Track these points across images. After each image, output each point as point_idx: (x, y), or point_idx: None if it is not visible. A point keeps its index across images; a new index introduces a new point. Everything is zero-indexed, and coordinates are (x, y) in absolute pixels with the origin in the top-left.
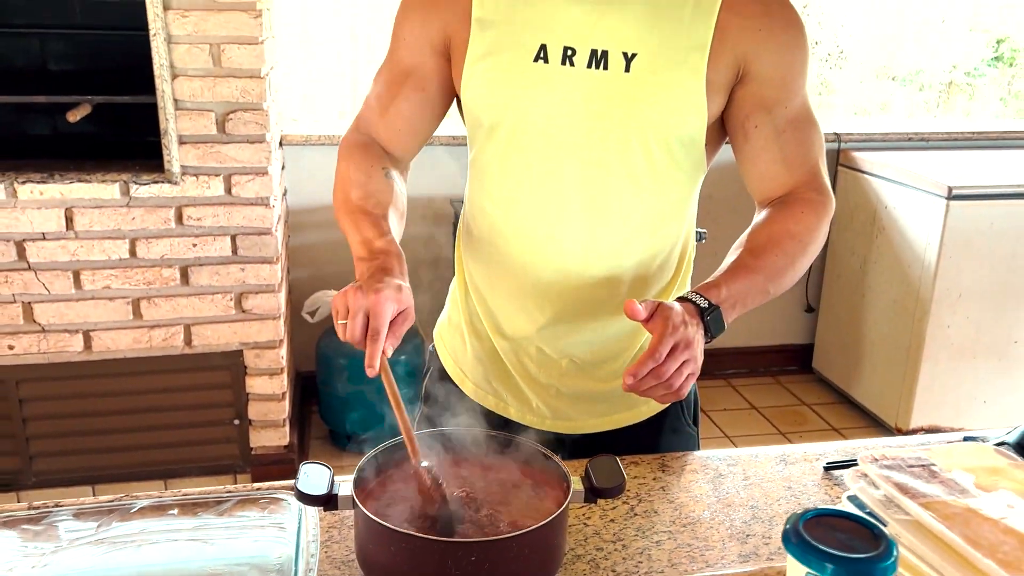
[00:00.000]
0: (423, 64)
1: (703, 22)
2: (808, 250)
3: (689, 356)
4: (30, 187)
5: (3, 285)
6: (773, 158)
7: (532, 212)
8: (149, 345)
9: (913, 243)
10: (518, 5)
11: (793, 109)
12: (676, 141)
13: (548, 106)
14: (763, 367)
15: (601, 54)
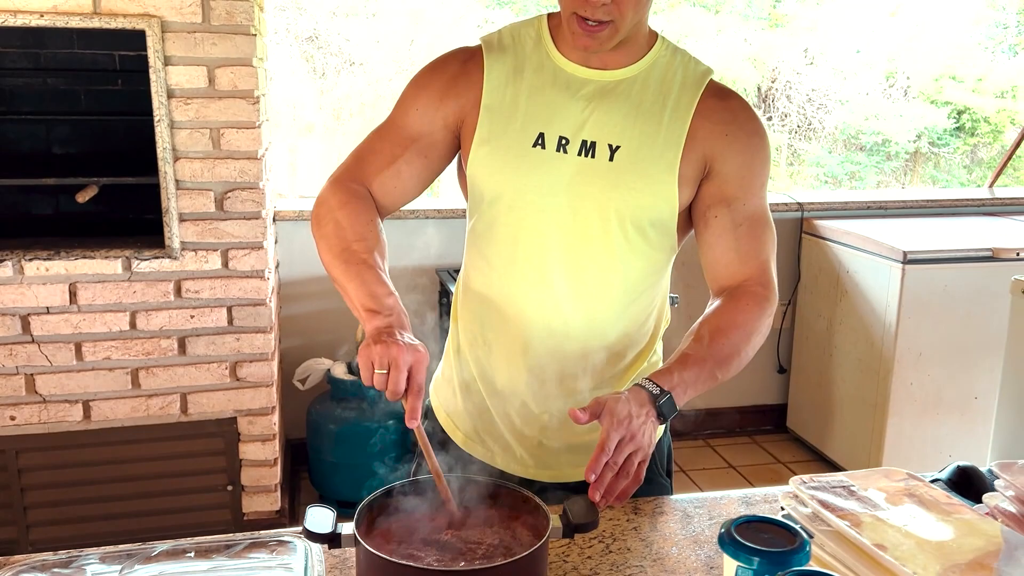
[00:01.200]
0: (432, 135)
1: (679, 124)
2: (752, 339)
3: (635, 447)
4: (36, 264)
5: (7, 358)
6: (728, 247)
7: (521, 278)
8: (147, 414)
9: (874, 305)
10: (521, 97)
11: (750, 207)
12: (649, 224)
13: (542, 186)
14: (740, 427)
15: (590, 144)
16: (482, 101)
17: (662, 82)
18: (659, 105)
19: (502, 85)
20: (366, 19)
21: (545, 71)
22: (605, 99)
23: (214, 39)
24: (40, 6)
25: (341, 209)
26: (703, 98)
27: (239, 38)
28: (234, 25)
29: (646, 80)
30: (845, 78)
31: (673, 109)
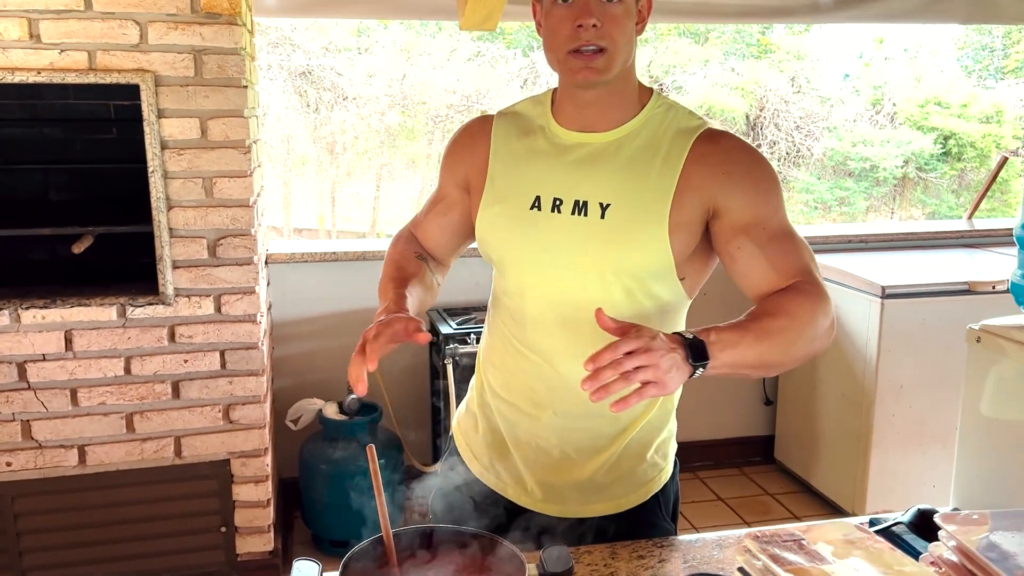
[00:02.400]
0: (450, 195)
1: (669, 174)
2: (802, 329)
3: (648, 363)
4: (33, 312)
5: (4, 405)
6: (763, 268)
7: (533, 331)
8: (141, 457)
9: (855, 339)
10: (520, 164)
11: (772, 228)
12: (646, 275)
13: (540, 246)
14: (728, 459)
15: (583, 204)
16: (488, 165)
17: (653, 138)
18: (648, 160)
19: (505, 153)
20: (358, 54)
21: (544, 139)
22: (597, 160)
23: (206, 92)
24: (37, 63)
25: (391, 247)
26: (694, 146)
27: (230, 90)
28: (225, 78)
29: (636, 137)
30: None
31: (663, 161)
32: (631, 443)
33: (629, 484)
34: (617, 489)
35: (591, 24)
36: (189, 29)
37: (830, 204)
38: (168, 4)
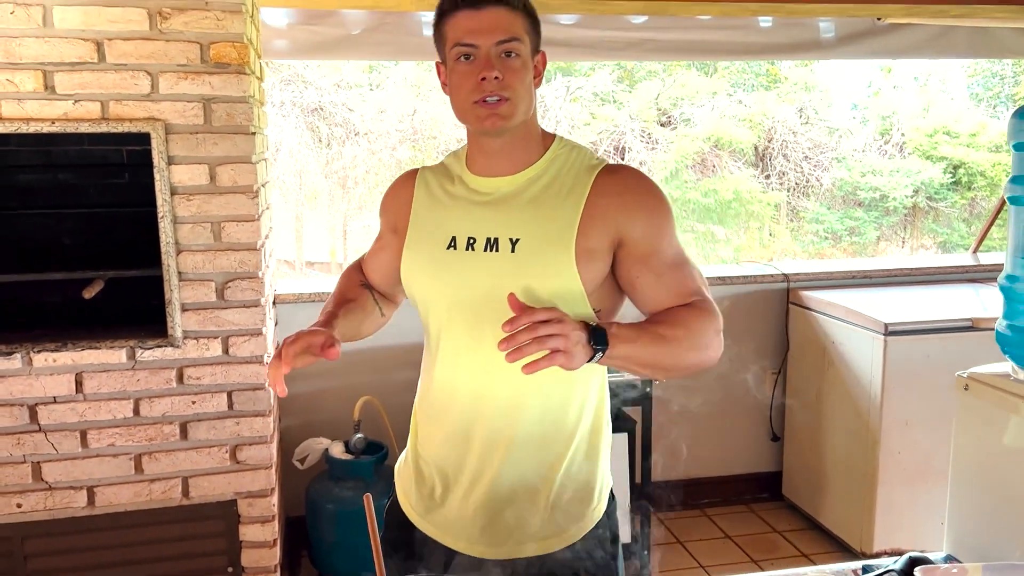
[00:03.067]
0: (385, 236)
1: (573, 207)
2: (695, 340)
3: (558, 330)
4: (45, 355)
5: (15, 447)
6: (660, 295)
7: (457, 368)
8: (149, 498)
9: (859, 376)
10: (439, 210)
11: (668, 256)
12: (559, 302)
13: (456, 283)
14: (736, 496)
15: (494, 240)
16: (410, 213)
17: (558, 176)
18: (554, 196)
19: (426, 200)
20: (369, 91)
21: (460, 187)
22: (506, 200)
23: (215, 139)
24: (51, 114)
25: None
26: (596, 179)
27: (239, 137)
28: (234, 125)
29: (541, 177)
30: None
31: (567, 196)
32: (563, 479)
33: (564, 521)
34: (550, 528)
35: (493, 76)
36: (199, 79)
37: (840, 234)
38: (179, 55)
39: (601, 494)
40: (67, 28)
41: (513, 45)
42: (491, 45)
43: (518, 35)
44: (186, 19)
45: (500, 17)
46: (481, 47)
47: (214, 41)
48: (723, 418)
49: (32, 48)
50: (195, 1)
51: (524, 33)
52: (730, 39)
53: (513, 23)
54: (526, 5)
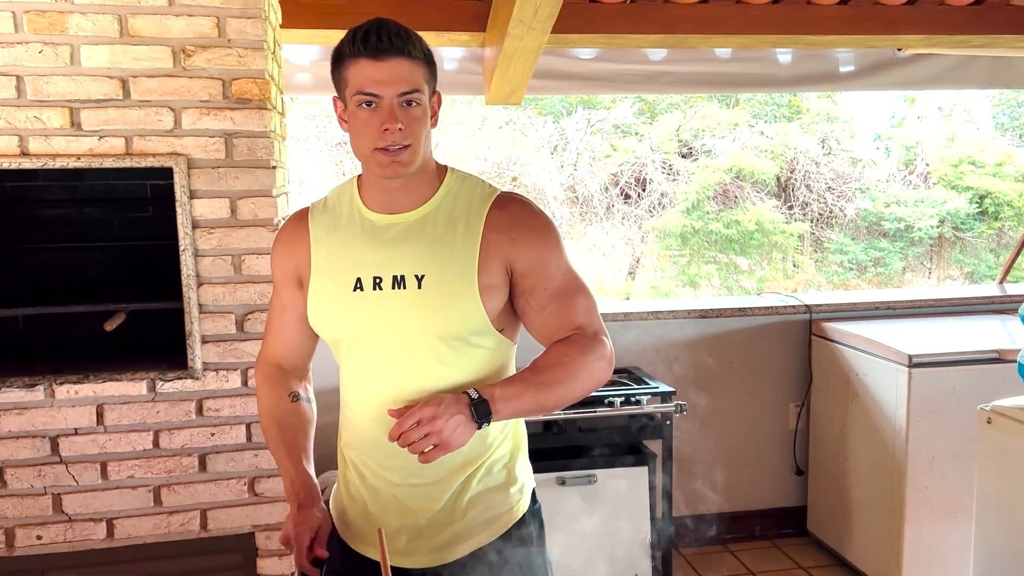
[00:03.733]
0: (292, 295)
1: (471, 242)
2: (578, 376)
3: (430, 429)
4: (67, 387)
5: (36, 479)
6: (545, 323)
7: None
8: (167, 530)
9: (884, 408)
10: (338, 252)
11: (553, 288)
12: (468, 332)
13: (367, 323)
14: (759, 531)
15: (400, 278)
16: (311, 258)
17: (453, 210)
18: (452, 231)
19: (323, 243)
20: None
21: (355, 224)
22: (407, 237)
23: (236, 173)
24: (77, 150)
25: (259, 395)
26: (489, 213)
27: (259, 171)
28: (255, 160)
29: (438, 213)
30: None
31: (464, 231)
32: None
33: (485, 519)
34: (474, 527)
35: (397, 127)
36: (221, 114)
37: (865, 265)
38: (201, 91)
39: (523, 491)
40: (94, 66)
41: (414, 96)
42: (393, 96)
43: (419, 86)
44: (209, 56)
45: (402, 68)
46: (384, 97)
47: (236, 77)
48: (746, 451)
49: (60, 86)
50: (218, 39)
51: (424, 82)
52: (749, 71)
53: (414, 73)
54: (425, 52)
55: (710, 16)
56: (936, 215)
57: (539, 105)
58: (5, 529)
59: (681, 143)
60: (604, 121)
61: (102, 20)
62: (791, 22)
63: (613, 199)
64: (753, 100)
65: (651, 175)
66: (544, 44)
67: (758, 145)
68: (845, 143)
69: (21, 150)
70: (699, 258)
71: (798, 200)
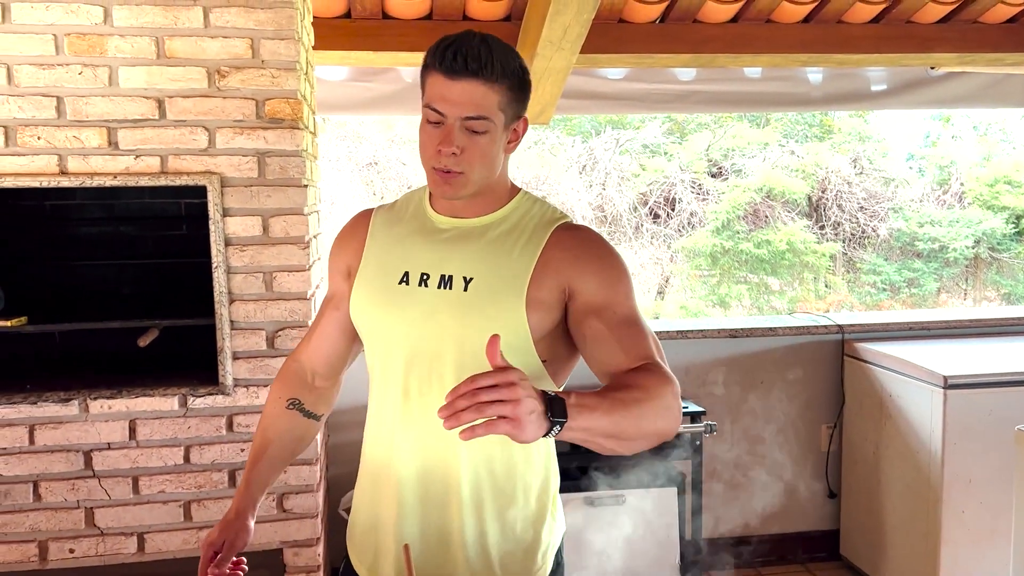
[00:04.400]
0: (340, 289)
1: (529, 254)
2: (655, 404)
3: (507, 397)
4: (100, 402)
5: (69, 492)
6: (611, 349)
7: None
8: (197, 545)
9: (918, 430)
10: (392, 245)
11: (622, 313)
12: (505, 346)
13: (405, 318)
14: (792, 554)
15: (448, 278)
16: (364, 250)
17: (517, 225)
18: (511, 241)
19: (381, 237)
20: None
21: (416, 222)
22: (463, 240)
23: (268, 191)
24: (115, 168)
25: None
26: (554, 233)
27: (291, 190)
28: (287, 178)
29: (502, 224)
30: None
31: (524, 244)
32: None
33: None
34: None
35: (451, 152)
36: (254, 134)
37: (899, 285)
38: (235, 111)
39: (545, 556)
40: (131, 87)
41: (479, 123)
42: (457, 117)
43: (488, 113)
44: (243, 77)
45: (473, 91)
46: (448, 117)
47: (269, 98)
48: (777, 473)
49: (98, 106)
50: (251, 60)
51: (497, 110)
52: (779, 91)
53: (486, 98)
54: (510, 76)
55: (740, 35)
56: (971, 235)
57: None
58: (39, 542)
59: (711, 163)
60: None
61: (140, 42)
62: (822, 41)
63: (642, 218)
64: (784, 119)
65: (680, 194)
66: (573, 64)
67: (789, 164)
68: (877, 162)
69: (60, 169)
70: (729, 278)
71: (830, 220)
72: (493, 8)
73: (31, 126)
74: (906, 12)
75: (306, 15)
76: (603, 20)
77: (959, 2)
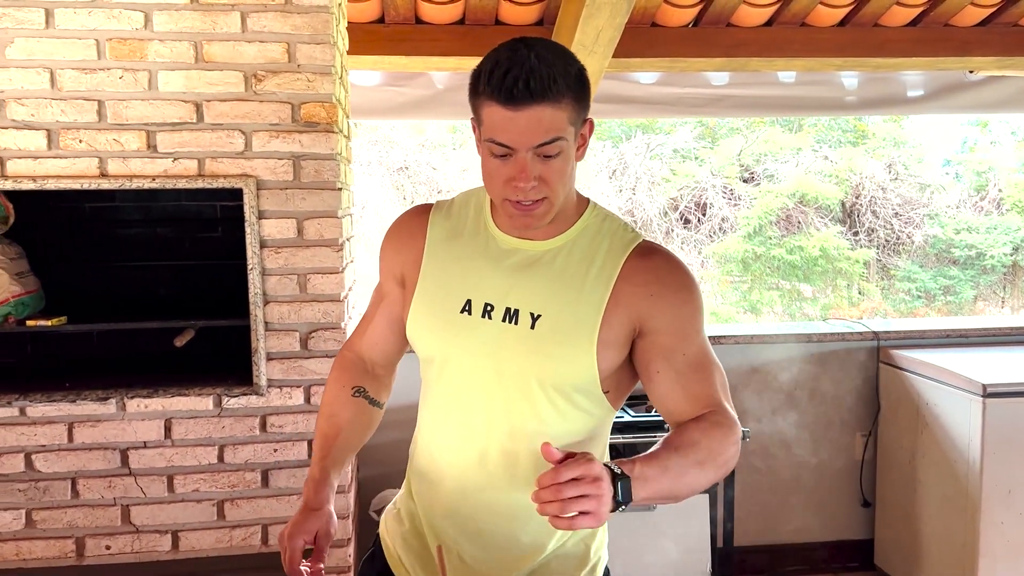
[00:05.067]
0: (393, 290)
1: (601, 289)
2: (716, 461)
3: (592, 492)
4: (137, 401)
5: (107, 490)
6: (678, 397)
7: (454, 434)
8: (230, 544)
9: (956, 440)
10: (453, 265)
11: (691, 356)
12: (571, 388)
13: (468, 349)
14: (824, 564)
15: (514, 312)
16: (422, 262)
17: (587, 250)
18: (582, 273)
19: (440, 249)
20: (452, 150)
21: (479, 239)
22: (530, 268)
23: (303, 194)
24: (152, 171)
25: (329, 378)
26: (628, 260)
27: (326, 193)
28: (321, 182)
29: (572, 249)
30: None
31: (596, 276)
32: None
33: None
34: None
35: (531, 186)
36: (289, 137)
37: (934, 293)
38: (271, 115)
39: (594, 571)
40: (170, 91)
41: (553, 147)
42: (528, 148)
43: (561, 132)
44: (279, 81)
45: (542, 117)
46: (518, 151)
47: (304, 101)
48: (810, 481)
49: (138, 110)
50: (288, 64)
51: (568, 124)
52: (813, 95)
53: (555, 119)
54: (573, 83)
55: (774, 39)
56: (1010, 242)
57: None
58: (76, 539)
59: (743, 167)
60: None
61: (179, 47)
62: (858, 45)
63: (672, 224)
64: (817, 124)
65: (712, 200)
66: (605, 68)
67: (822, 170)
68: (913, 168)
69: (100, 171)
70: (761, 284)
71: (863, 226)
72: (526, 13)
73: (73, 129)
74: (944, 15)
75: (341, 20)
76: (636, 24)
77: (999, 4)
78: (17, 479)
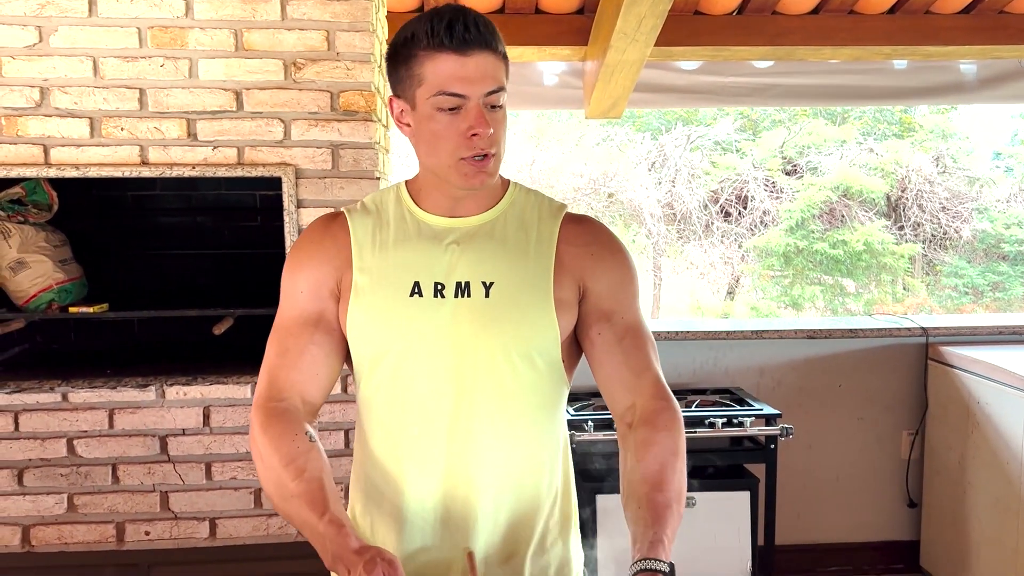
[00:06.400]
0: (327, 309)
1: (546, 252)
2: (684, 457)
3: None
4: (176, 388)
5: (146, 476)
6: (618, 362)
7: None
8: (266, 532)
9: (1009, 440)
10: (389, 253)
11: (628, 319)
12: (536, 353)
13: (426, 333)
14: (868, 565)
15: (464, 284)
16: (352, 260)
17: (522, 219)
18: (523, 239)
19: (368, 242)
20: None
21: (408, 224)
22: (471, 242)
23: (342, 183)
24: (192, 159)
25: (264, 438)
26: (563, 225)
27: (364, 182)
28: (360, 170)
29: (506, 219)
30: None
31: (538, 240)
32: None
33: None
34: None
35: (488, 132)
36: (328, 126)
37: (982, 289)
38: (310, 103)
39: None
40: (210, 79)
41: (499, 96)
42: (480, 96)
43: (503, 84)
44: (318, 69)
45: (488, 64)
46: (470, 99)
47: (343, 90)
48: (854, 479)
49: (178, 98)
50: (327, 52)
51: (505, 79)
52: (861, 83)
53: (498, 69)
54: (503, 45)
55: (821, 27)
56: None
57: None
58: (116, 524)
59: (785, 160)
60: (704, 138)
61: (219, 35)
62: (908, 32)
63: (712, 217)
64: (863, 116)
65: (753, 192)
66: (647, 56)
67: (867, 162)
68: (961, 161)
69: (142, 159)
70: (803, 279)
71: (909, 220)
72: (566, 0)
73: (115, 117)
74: (999, 1)
75: (381, 8)
76: (679, 11)
77: None
78: (59, 464)
